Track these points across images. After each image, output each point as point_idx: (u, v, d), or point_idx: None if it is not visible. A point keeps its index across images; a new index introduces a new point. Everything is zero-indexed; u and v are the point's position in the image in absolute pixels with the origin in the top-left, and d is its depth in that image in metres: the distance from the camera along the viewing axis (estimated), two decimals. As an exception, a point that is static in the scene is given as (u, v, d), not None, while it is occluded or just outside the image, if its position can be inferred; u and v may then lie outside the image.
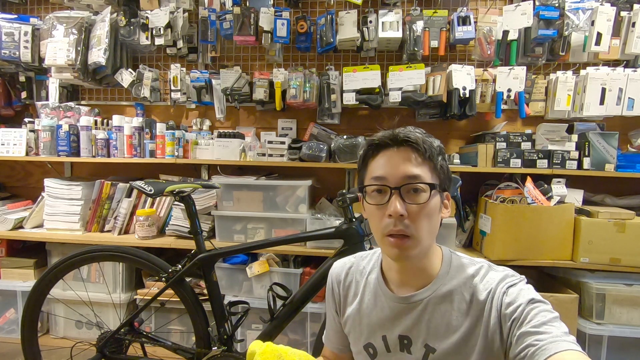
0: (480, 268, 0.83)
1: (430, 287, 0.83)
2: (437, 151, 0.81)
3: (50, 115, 2.32)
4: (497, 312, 0.76)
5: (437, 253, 0.86)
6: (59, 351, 1.96)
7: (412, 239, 0.78)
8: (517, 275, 0.81)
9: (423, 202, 0.77)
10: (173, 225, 2.15)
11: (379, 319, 0.88)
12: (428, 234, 0.79)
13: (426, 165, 0.79)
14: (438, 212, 0.81)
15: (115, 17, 2.30)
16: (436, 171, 0.80)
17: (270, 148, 2.15)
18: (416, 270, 0.84)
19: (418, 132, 0.82)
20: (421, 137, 0.80)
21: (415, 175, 0.78)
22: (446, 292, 0.82)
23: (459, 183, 1.41)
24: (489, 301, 0.77)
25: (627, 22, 2.05)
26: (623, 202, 2.09)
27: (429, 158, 0.79)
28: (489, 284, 0.79)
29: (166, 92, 2.47)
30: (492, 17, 2.15)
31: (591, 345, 1.84)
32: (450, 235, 1.97)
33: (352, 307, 0.93)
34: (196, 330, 1.60)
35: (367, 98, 2.16)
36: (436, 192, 0.79)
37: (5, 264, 2.26)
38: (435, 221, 0.81)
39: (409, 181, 0.77)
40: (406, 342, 0.85)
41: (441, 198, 0.82)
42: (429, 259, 0.83)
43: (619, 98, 2.02)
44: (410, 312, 0.84)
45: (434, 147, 0.81)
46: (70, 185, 2.21)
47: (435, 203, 0.80)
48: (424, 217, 0.78)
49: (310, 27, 2.23)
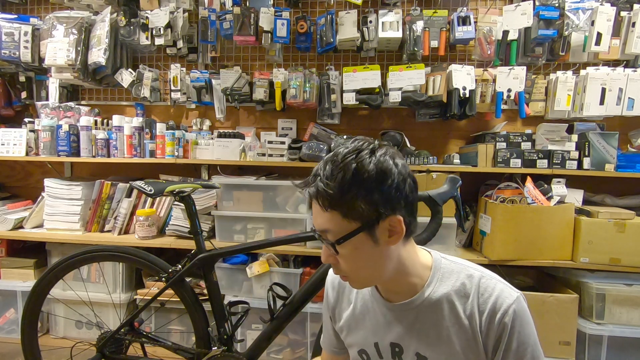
0: (471, 275, 0.81)
1: (420, 296, 0.81)
2: (345, 191, 0.70)
3: (50, 115, 2.32)
4: (487, 333, 0.77)
5: (422, 262, 0.83)
6: (59, 351, 1.96)
7: (351, 279, 0.80)
8: (512, 293, 0.78)
9: (335, 254, 0.76)
10: (173, 225, 2.15)
11: (372, 326, 0.88)
12: (368, 272, 0.78)
13: (334, 215, 0.73)
14: (370, 250, 0.75)
15: (115, 17, 2.30)
16: (351, 214, 0.72)
17: (270, 148, 2.15)
18: (397, 284, 0.82)
19: (323, 176, 0.72)
20: (320, 187, 0.72)
21: (323, 230, 0.75)
22: (437, 299, 0.80)
23: (458, 183, 1.41)
24: (481, 318, 0.77)
25: (627, 22, 2.04)
26: (623, 202, 2.09)
27: (334, 207, 0.72)
28: (483, 298, 0.78)
29: (166, 92, 2.47)
30: (492, 17, 2.14)
31: (591, 345, 1.84)
32: (450, 235, 1.97)
33: (347, 314, 0.93)
34: (196, 330, 1.60)
35: (367, 98, 2.16)
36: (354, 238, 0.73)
37: (5, 264, 2.26)
38: (373, 259, 0.76)
39: (323, 235, 0.77)
40: (397, 349, 0.85)
41: (377, 229, 0.73)
42: (404, 274, 0.80)
43: (619, 98, 2.02)
44: (401, 320, 0.84)
45: (339, 189, 0.70)
46: (70, 185, 2.21)
47: (359, 246, 0.74)
48: (350, 262, 0.77)
49: (310, 27, 2.23)
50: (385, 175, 0.72)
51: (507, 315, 0.75)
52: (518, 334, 0.76)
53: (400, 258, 0.79)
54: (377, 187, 0.71)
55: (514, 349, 0.76)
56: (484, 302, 0.77)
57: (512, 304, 0.76)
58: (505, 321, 0.75)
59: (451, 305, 0.80)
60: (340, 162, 0.72)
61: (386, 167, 0.72)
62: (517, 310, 0.76)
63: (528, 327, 0.77)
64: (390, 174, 0.72)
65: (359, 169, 0.71)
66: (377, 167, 0.71)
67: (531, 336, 0.77)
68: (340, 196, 0.71)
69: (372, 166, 0.71)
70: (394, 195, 0.73)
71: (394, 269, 0.79)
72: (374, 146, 0.74)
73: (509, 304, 0.76)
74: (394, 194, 0.73)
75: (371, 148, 0.73)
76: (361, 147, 0.73)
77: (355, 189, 0.70)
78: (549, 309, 1.79)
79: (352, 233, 0.73)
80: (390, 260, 0.77)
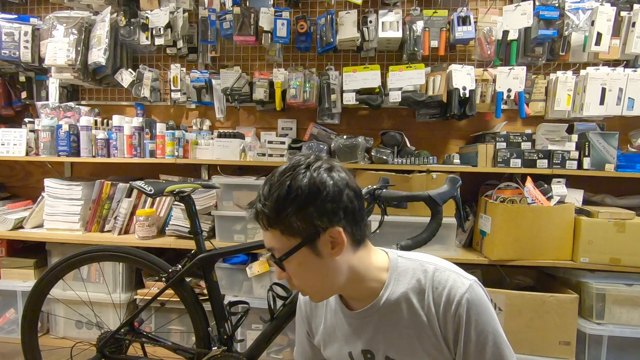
0: (426, 270, 0.81)
1: (379, 299, 0.82)
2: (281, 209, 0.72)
3: (50, 115, 2.32)
4: (445, 327, 0.77)
5: (378, 265, 0.83)
6: (59, 351, 1.96)
7: (307, 293, 0.83)
8: (464, 282, 0.77)
9: (283, 271, 0.78)
10: (173, 225, 2.15)
11: (342, 336, 0.89)
12: (319, 284, 0.79)
13: (275, 233, 0.75)
14: (316, 264, 0.76)
15: (115, 17, 2.30)
16: (290, 231, 0.74)
17: (270, 148, 2.15)
18: (355, 290, 0.83)
19: (261, 197, 0.75)
20: (258, 208, 0.75)
21: (269, 249, 0.78)
22: (395, 300, 0.81)
23: (458, 183, 1.41)
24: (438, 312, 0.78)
25: (627, 22, 2.04)
26: (623, 202, 2.09)
27: (272, 226, 0.75)
28: (438, 291, 0.78)
29: (166, 92, 2.47)
30: (492, 17, 2.14)
31: (591, 345, 1.84)
32: (450, 235, 1.97)
33: (321, 328, 0.94)
34: (196, 330, 1.60)
35: (367, 98, 2.16)
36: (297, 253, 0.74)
37: (5, 264, 2.26)
38: (320, 272, 0.77)
39: (269, 254, 0.79)
40: (369, 355, 0.86)
41: (318, 243, 0.74)
42: (359, 281, 0.81)
43: (619, 98, 2.02)
44: (367, 326, 0.84)
45: (275, 208, 0.73)
46: (70, 185, 2.21)
47: (303, 261, 0.76)
48: (299, 277, 0.78)
49: (310, 27, 2.23)
50: (318, 189, 0.73)
51: (460, 306, 0.75)
52: (475, 323, 0.75)
53: (351, 266, 0.79)
54: (311, 202, 0.72)
55: (473, 339, 0.75)
56: (438, 296, 0.77)
57: (464, 294, 0.75)
58: (460, 312, 0.75)
59: (409, 303, 0.80)
60: (276, 181, 0.74)
61: (320, 180, 0.73)
62: (470, 300, 0.75)
63: (485, 314, 0.76)
64: (324, 187, 0.73)
65: (293, 185, 0.72)
66: (310, 182, 0.73)
67: (490, 323, 0.76)
68: (276, 215, 0.73)
69: (305, 181, 0.73)
70: (329, 208, 0.73)
71: (348, 278, 0.79)
72: (310, 161, 0.76)
73: (462, 294, 0.75)
74: (330, 206, 0.73)
75: (307, 163, 0.75)
76: (298, 164, 0.75)
77: (289, 206, 0.72)
78: (549, 309, 1.79)
79: (293, 249, 0.74)
80: (340, 271, 0.78)
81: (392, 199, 1.41)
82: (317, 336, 0.97)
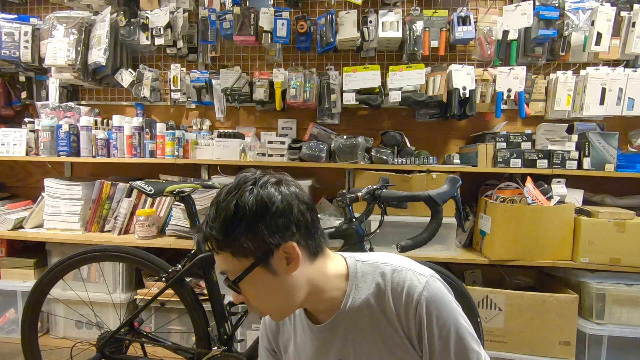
0: (384, 273, 0.79)
1: (343, 308, 0.80)
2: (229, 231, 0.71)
3: (50, 115, 2.32)
4: (407, 327, 0.77)
5: (337, 273, 0.81)
6: (59, 351, 1.96)
7: (267, 314, 0.81)
8: (420, 279, 0.77)
9: (239, 293, 0.76)
10: (173, 225, 2.15)
11: (312, 351, 0.87)
12: (278, 302, 0.77)
13: (226, 256, 0.73)
14: (272, 282, 0.74)
15: (115, 17, 2.29)
16: (240, 251, 0.72)
17: (270, 148, 2.15)
18: (317, 302, 0.81)
19: (208, 220, 0.73)
20: (205, 232, 0.73)
21: (223, 272, 0.76)
22: (358, 307, 0.80)
23: (458, 183, 1.41)
24: (399, 313, 0.77)
25: (627, 22, 2.04)
26: (623, 202, 2.09)
27: (222, 249, 0.73)
28: (397, 292, 0.77)
29: (166, 92, 2.47)
30: (492, 17, 2.14)
31: (591, 345, 1.84)
32: (450, 235, 1.97)
33: (292, 345, 0.91)
34: (196, 330, 1.60)
35: (367, 98, 2.16)
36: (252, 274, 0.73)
37: (5, 264, 2.26)
38: (278, 289, 0.75)
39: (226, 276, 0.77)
40: None
41: (272, 261, 0.73)
42: (320, 292, 0.79)
43: (619, 98, 2.02)
44: (335, 337, 0.83)
45: (222, 231, 0.71)
46: (70, 185, 2.21)
47: (259, 280, 0.74)
48: (257, 298, 0.77)
49: (310, 27, 2.23)
50: (266, 206, 0.71)
51: (419, 305, 0.74)
52: (436, 319, 0.74)
53: (310, 279, 0.77)
54: (260, 219, 0.70)
55: (436, 334, 0.74)
56: (398, 297, 0.77)
57: (422, 292, 0.75)
58: (419, 311, 0.74)
59: (371, 309, 0.79)
60: (222, 201, 0.72)
61: (267, 196, 0.71)
62: (428, 297, 0.74)
63: (445, 308, 0.75)
64: (272, 203, 0.71)
65: (239, 204, 0.70)
66: (257, 199, 0.70)
67: (450, 315, 0.75)
68: (225, 237, 0.71)
69: (252, 199, 0.70)
70: (280, 224, 0.71)
71: (308, 292, 0.78)
72: (257, 177, 0.74)
73: (420, 292, 0.75)
74: (281, 222, 0.71)
75: (253, 179, 0.73)
76: (244, 181, 0.73)
77: (237, 227, 0.70)
78: (549, 309, 1.79)
79: (247, 270, 0.72)
80: (298, 286, 0.76)
81: (392, 199, 1.41)
82: (286, 354, 0.93)
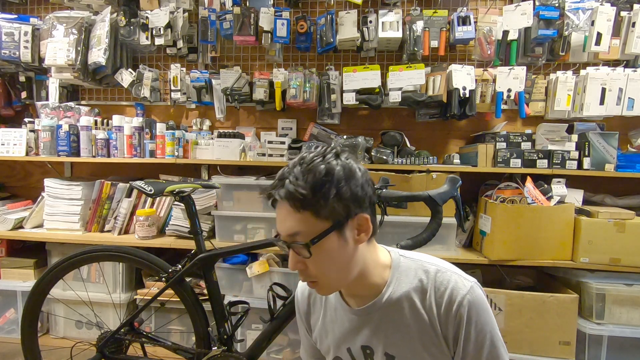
0: (427, 271, 0.83)
1: (381, 297, 0.83)
2: (318, 190, 0.72)
3: (50, 115, 2.32)
4: (446, 326, 0.79)
5: (382, 262, 0.85)
6: (59, 351, 1.96)
7: (319, 284, 0.80)
8: (466, 283, 0.79)
9: (308, 257, 0.76)
10: (173, 225, 2.15)
11: (341, 332, 0.90)
12: (337, 273, 0.78)
13: (306, 215, 0.73)
14: (340, 250, 0.76)
15: (115, 17, 2.29)
16: (323, 213, 0.73)
17: (270, 148, 2.15)
18: (358, 287, 0.84)
19: (293, 177, 0.74)
20: (291, 187, 0.73)
21: (294, 233, 0.75)
22: (397, 299, 0.83)
23: (458, 183, 1.41)
24: (439, 312, 0.79)
25: (627, 22, 2.04)
26: (623, 202, 2.09)
27: (306, 207, 0.73)
28: (440, 292, 0.80)
29: (166, 92, 2.47)
30: (492, 17, 2.14)
31: (591, 345, 1.84)
32: (450, 235, 1.97)
33: (319, 324, 0.95)
34: (196, 330, 1.60)
35: (367, 98, 2.16)
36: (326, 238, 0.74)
37: (5, 264, 2.26)
38: (341, 259, 0.77)
39: (291, 239, 0.76)
40: (369, 351, 0.87)
41: (347, 228, 0.76)
42: (366, 275, 0.82)
43: (619, 98, 2.02)
44: (367, 323, 0.86)
45: (311, 188, 0.72)
46: (70, 185, 2.21)
47: (330, 246, 0.75)
48: (320, 265, 0.77)
49: (310, 27, 2.23)
50: (353, 175, 0.76)
51: (462, 307, 0.77)
52: (475, 324, 0.77)
53: (364, 259, 0.81)
54: (347, 186, 0.75)
55: (473, 338, 0.78)
56: (440, 296, 0.80)
57: (466, 295, 0.78)
58: (461, 312, 0.77)
59: (411, 302, 0.82)
60: (308, 164, 0.75)
61: (352, 167, 0.77)
62: (471, 300, 0.78)
63: (484, 315, 0.79)
64: (356, 174, 0.77)
65: (328, 168, 0.74)
66: (344, 167, 0.76)
67: (488, 323, 0.79)
68: (312, 195, 0.72)
69: (339, 167, 0.75)
70: (360, 194, 0.76)
71: (359, 271, 0.81)
72: (337, 150, 0.79)
73: (463, 295, 0.78)
74: (361, 193, 0.76)
75: (335, 152, 0.78)
76: (325, 152, 0.77)
77: (326, 188, 0.73)
78: (549, 309, 1.79)
79: (324, 232, 0.74)
80: (357, 262, 0.80)
81: (392, 199, 1.41)
82: (314, 332, 0.98)
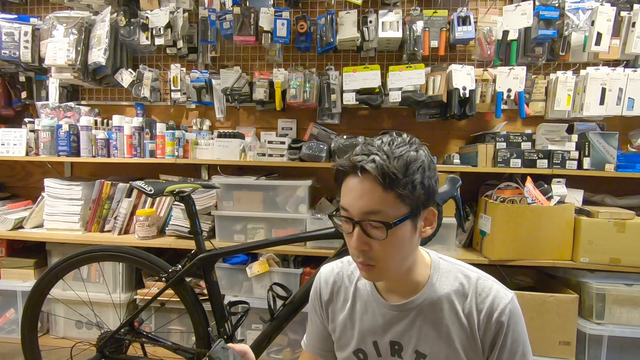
0: (469, 276, 0.84)
1: (421, 295, 0.84)
2: (408, 172, 0.71)
3: (50, 115, 2.32)
4: (484, 332, 0.81)
5: (424, 260, 0.86)
6: (59, 351, 1.96)
7: (377, 268, 0.78)
8: (507, 293, 0.82)
9: (383, 238, 0.72)
10: (173, 225, 2.15)
11: (371, 325, 0.89)
12: (397, 261, 0.78)
13: (390, 196, 0.71)
14: (409, 238, 0.76)
15: (115, 17, 2.29)
16: (407, 196, 0.71)
17: (270, 148, 2.15)
18: (400, 282, 0.85)
19: (382, 155, 0.71)
20: (383, 163, 0.70)
21: (374, 211, 0.72)
22: (437, 299, 0.83)
23: (459, 183, 1.41)
24: (479, 317, 0.81)
25: (627, 22, 2.04)
26: (623, 202, 2.09)
27: (393, 187, 0.70)
28: (481, 298, 0.81)
29: (166, 92, 2.46)
30: (492, 17, 2.14)
31: (591, 345, 1.84)
32: (450, 235, 1.97)
33: (344, 313, 0.93)
34: (196, 330, 1.60)
35: (367, 98, 2.16)
36: (403, 223, 0.73)
37: (5, 264, 2.26)
38: (407, 247, 0.77)
39: (367, 217, 0.73)
40: (397, 347, 0.87)
41: (420, 218, 0.76)
42: (412, 271, 0.83)
43: (619, 98, 2.02)
44: (402, 319, 0.85)
45: (402, 169, 0.71)
46: (70, 185, 2.21)
47: (403, 232, 0.74)
48: (388, 249, 0.75)
49: (310, 27, 2.23)
50: (433, 167, 0.76)
51: (503, 315, 0.79)
52: (512, 332, 0.80)
53: (415, 254, 0.82)
54: (429, 176, 0.75)
55: (508, 346, 0.80)
56: (481, 302, 0.81)
57: (508, 304, 0.80)
58: (502, 320, 0.79)
59: (451, 304, 0.83)
60: (398, 146, 0.73)
61: (432, 160, 0.77)
62: (512, 310, 0.80)
63: (520, 325, 0.82)
64: (434, 167, 0.77)
65: (418, 156, 0.74)
66: (427, 159, 0.75)
67: (522, 334, 0.82)
68: (403, 176, 0.71)
69: (425, 157, 0.75)
70: (434, 188, 0.76)
71: (409, 265, 0.82)
72: (418, 141, 0.78)
73: (505, 304, 0.80)
74: (435, 186, 0.77)
75: (417, 141, 0.77)
76: (410, 140, 0.76)
77: (416, 173, 0.72)
78: (549, 309, 1.79)
79: (404, 217, 0.73)
80: (414, 253, 0.81)
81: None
82: (334, 321, 0.94)
